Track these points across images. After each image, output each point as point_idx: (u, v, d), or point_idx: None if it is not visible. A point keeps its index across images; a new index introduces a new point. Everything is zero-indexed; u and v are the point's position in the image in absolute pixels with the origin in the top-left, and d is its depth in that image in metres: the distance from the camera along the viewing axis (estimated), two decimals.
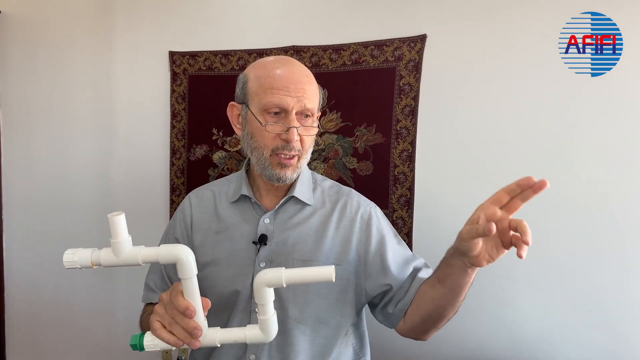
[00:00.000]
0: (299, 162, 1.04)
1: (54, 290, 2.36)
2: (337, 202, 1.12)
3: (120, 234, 0.76)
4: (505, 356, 1.63)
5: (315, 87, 1.06)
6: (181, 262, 0.76)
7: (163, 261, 0.77)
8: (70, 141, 2.26)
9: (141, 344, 0.81)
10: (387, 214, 1.74)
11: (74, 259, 0.76)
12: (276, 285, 0.79)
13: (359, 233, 1.09)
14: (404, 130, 1.71)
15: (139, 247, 0.78)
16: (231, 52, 1.94)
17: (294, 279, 0.79)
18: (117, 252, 0.77)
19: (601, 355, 1.52)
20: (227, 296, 1.06)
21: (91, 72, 2.19)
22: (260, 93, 1.01)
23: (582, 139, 1.51)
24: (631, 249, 1.47)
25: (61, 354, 2.39)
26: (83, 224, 2.26)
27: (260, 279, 0.79)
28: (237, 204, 1.12)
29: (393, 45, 1.70)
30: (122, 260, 0.77)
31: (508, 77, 1.58)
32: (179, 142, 2.07)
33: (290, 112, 0.99)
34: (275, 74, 1.01)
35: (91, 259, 0.77)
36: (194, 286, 0.78)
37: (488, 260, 0.82)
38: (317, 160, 1.83)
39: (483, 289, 1.65)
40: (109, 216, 0.75)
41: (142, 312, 1.11)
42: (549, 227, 1.56)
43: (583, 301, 1.53)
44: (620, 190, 1.48)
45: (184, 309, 0.77)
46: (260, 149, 1.03)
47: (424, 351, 1.74)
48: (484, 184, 1.63)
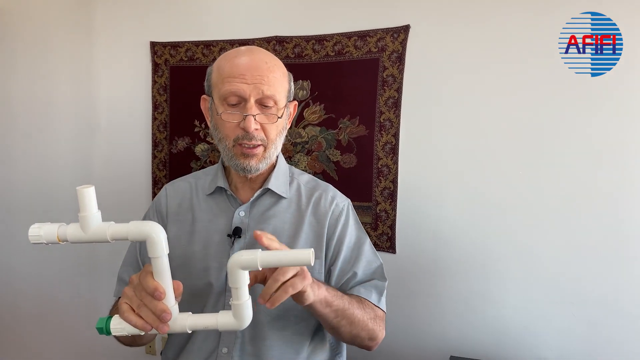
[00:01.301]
0: (266, 153, 1.02)
1: (35, 286, 2.32)
2: (312, 195, 1.11)
3: (89, 208, 0.71)
4: (489, 348, 1.63)
5: (279, 75, 1.02)
6: (151, 240, 0.72)
7: (132, 238, 0.73)
8: (51, 133, 2.22)
9: (107, 327, 0.76)
10: (371, 206, 1.73)
11: (39, 233, 0.72)
12: (251, 267, 0.75)
13: (329, 227, 1.08)
14: (388, 122, 1.69)
15: (108, 222, 0.73)
16: (213, 43, 1.91)
17: (269, 262, 0.75)
18: (84, 227, 0.72)
19: (581, 345, 1.53)
20: (201, 289, 1.04)
21: (71, 64, 2.15)
22: (219, 83, 1.00)
23: (566, 134, 1.51)
24: (610, 244, 1.48)
25: (42, 350, 2.36)
26: (64, 217, 2.22)
27: (234, 261, 0.75)
28: (212, 197, 1.11)
29: (376, 36, 1.68)
30: (89, 235, 0.72)
31: (492, 70, 1.57)
32: (161, 134, 2.03)
33: (248, 100, 0.97)
34: (234, 62, 0.99)
35: (57, 233, 0.72)
36: (165, 266, 0.74)
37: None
38: (300, 153, 1.81)
39: (467, 283, 1.64)
40: (78, 188, 0.70)
41: (112, 308, 1.08)
42: (532, 223, 1.55)
43: (565, 294, 1.53)
44: (603, 188, 1.48)
45: (152, 289, 0.73)
46: (224, 140, 1.02)
47: (405, 346, 1.73)
48: (467, 176, 1.62)
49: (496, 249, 1.60)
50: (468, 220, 1.63)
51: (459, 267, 1.65)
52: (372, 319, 1.02)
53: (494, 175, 1.59)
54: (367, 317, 1.00)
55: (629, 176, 1.46)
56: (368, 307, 1.03)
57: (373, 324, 1.02)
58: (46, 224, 0.73)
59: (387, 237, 1.73)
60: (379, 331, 1.05)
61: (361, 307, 1.00)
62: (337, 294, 0.94)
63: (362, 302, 1.02)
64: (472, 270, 1.63)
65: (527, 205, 1.55)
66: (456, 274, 1.66)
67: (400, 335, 1.73)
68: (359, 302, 1.01)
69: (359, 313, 0.99)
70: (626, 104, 1.44)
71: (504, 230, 1.58)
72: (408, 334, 1.73)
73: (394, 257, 1.72)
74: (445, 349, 1.68)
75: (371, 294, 1.05)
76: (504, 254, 1.59)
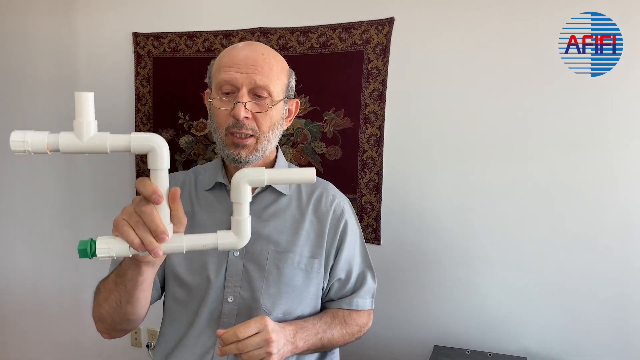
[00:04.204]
0: (258, 145, 1.02)
1: (19, 282, 2.30)
2: (312, 193, 1.11)
3: (85, 113, 0.63)
4: (472, 337, 1.66)
5: (276, 68, 1.03)
6: (154, 152, 0.68)
7: (135, 150, 0.68)
8: (32, 125, 2.18)
9: (92, 249, 0.68)
10: (356, 198, 1.74)
11: (24, 139, 0.62)
12: (258, 183, 0.74)
13: (330, 228, 1.09)
14: (372, 114, 1.70)
15: (106, 132, 0.66)
16: (196, 34, 1.89)
17: (277, 179, 0.76)
18: (80, 134, 0.64)
19: (562, 335, 1.56)
20: (199, 284, 1.04)
21: (51, 54, 2.11)
22: (216, 73, 1.02)
23: (540, 125, 1.52)
24: (592, 235, 1.50)
25: (28, 347, 2.34)
26: (46, 210, 2.20)
27: (242, 175, 0.74)
28: (212, 192, 1.11)
29: (361, 28, 1.68)
30: (86, 144, 0.64)
31: (479, 64, 1.57)
32: (145, 126, 2.01)
33: (241, 88, 0.98)
34: (231, 53, 1.02)
35: (47, 140, 0.63)
36: (165, 180, 0.70)
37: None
38: (285, 145, 1.81)
39: (451, 274, 1.66)
40: (76, 93, 0.64)
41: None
42: (515, 214, 1.57)
43: (546, 284, 1.56)
44: (585, 180, 1.50)
45: (150, 192, 0.68)
46: (218, 129, 1.03)
47: (390, 336, 1.76)
48: (451, 168, 1.63)
49: (480, 240, 1.62)
50: (452, 211, 1.64)
51: (443, 257, 1.67)
52: (358, 331, 1.14)
53: (478, 168, 1.60)
54: (348, 337, 1.11)
55: (626, 172, 1.46)
56: (352, 322, 1.12)
57: (358, 332, 1.14)
58: (31, 131, 0.63)
59: (372, 229, 1.74)
60: (365, 328, 1.16)
61: (343, 334, 1.09)
62: (316, 335, 1.03)
63: (346, 324, 1.10)
64: (456, 261, 1.66)
65: (510, 197, 1.57)
66: (440, 264, 1.68)
67: (385, 325, 1.75)
68: (342, 327, 1.09)
69: (341, 339, 1.09)
70: (626, 103, 1.44)
71: (487, 221, 1.61)
72: (393, 324, 1.75)
73: (379, 248, 1.73)
74: (430, 338, 1.70)
75: (366, 302, 1.14)
76: (488, 244, 1.61)
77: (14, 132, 0.63)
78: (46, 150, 0.63)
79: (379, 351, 1.77)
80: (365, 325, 1.16)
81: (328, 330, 1.05)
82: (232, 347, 0.88)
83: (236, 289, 1.04)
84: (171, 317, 1.10)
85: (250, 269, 1.03)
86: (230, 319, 1.04)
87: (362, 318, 1.14)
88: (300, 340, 0.97)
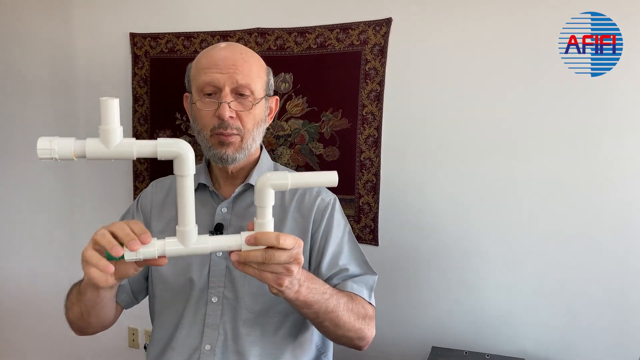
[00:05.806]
0: (243, 143, 1.02)
1: (15, 283, 2.29)
2: (296, 192, 1.10)
3: (111, 120, 0.65)
4: (470, 338, 1.66)
5: (255, 67, 1.04)
6: (180, 158, 0.70)
7: (161, 156, 0.69)
8: (29, 127, 2.18)
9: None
10: (354, 199, 1.73)
11: (51, 146, 0.63)
12: (281, 187, 0.74)
13: (314, 222, 1.07)
14: (370, 115, 1.69)
15: (132, 138, 0.69)
16: (194, 34, 1.89)
17: (299, 183, 0.76)
18: (107, 141, 0.66)
19: (559, 335, 1.56)
20: (182, 285, 1.04)
21: (49, 55, 2.11)
22: (196, 75, 1.02)
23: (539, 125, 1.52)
24: (589, 235, 1.50)
25: (25, 349, 2.34)
26: (44, 210, 2.19)
27: (265, 179, 0.74)
28: (196, 193, 1.10)
29: (358, 29, 1.67)
30: (113, 151, 0.66)
31: (478, 65, 1.57)
32: (142, 127, 2.01)
33: (223, 89, 0.99)
34: (209, 54, 1.02)
35: (74, 148, 0.64)
36: (190, 186, 0.73)
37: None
38: (283, 146, 1.81)
39: (449, 275, 1.66)
40: (102, 99, 0.65)
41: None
42: (513, 215, 1.57)
43: (543, 284, 1.56)
44: (583, 180, 1.50)
45: (140, 232, 0.72)
46: (202, 131, 1.03)
47: (388, 338, 1.75)
48: (449, 169, 1.63)
49: (477, 241, 1.62)
50: (450, 212, 1.64)
51: (441, 258, 1.67)
52: (361, 319, 0.99)
53: (476, 168, 1.60)
54: (353, 318, 0.96)
55: (626, 172, 1.46)
56: (359, 304, 1.00)
57: (361, 324, 0.98)
58: (57, 138, 0.64)
59: (370, 230, 1.73)
60: (368, 330, 1.01)
61: (349, 308, 0.95)
62: (323, 294, 0.89)
63: (353, 300, 0.98)
64: (453, 262, 1.65)
65: (507, 198, 1.57)
66: (438, 265, 1.67)
67: (382, 326, 1.74)
68: (349, 300, 0.97)
69: (345, 315, 0.94)
70: (626, 103, 1.44)
71: (484, 222, 1.60)
72: (391, 325, 1.75)
73: (377, 249, 1.73)
74: (427, 339, 1.70)
75: (363, 290, 1.03)
76: (485, 245, 1.61)
77: (41, 140, 0.64)
78: (72, 157, 0.65)
79: (376, 352, 1.76)
80: (369, 317, 1.03)
81: (335, 295, 0.93)
82: (257, 254, 0.73)
83: (219, 289, 1.03)
84: (160, 319, 1.10)
85: (233, 269, 1.02)
86: (215, 319, 1.03)
87: (365, 307, 1.03)
88: (305, 288, 0.84)
